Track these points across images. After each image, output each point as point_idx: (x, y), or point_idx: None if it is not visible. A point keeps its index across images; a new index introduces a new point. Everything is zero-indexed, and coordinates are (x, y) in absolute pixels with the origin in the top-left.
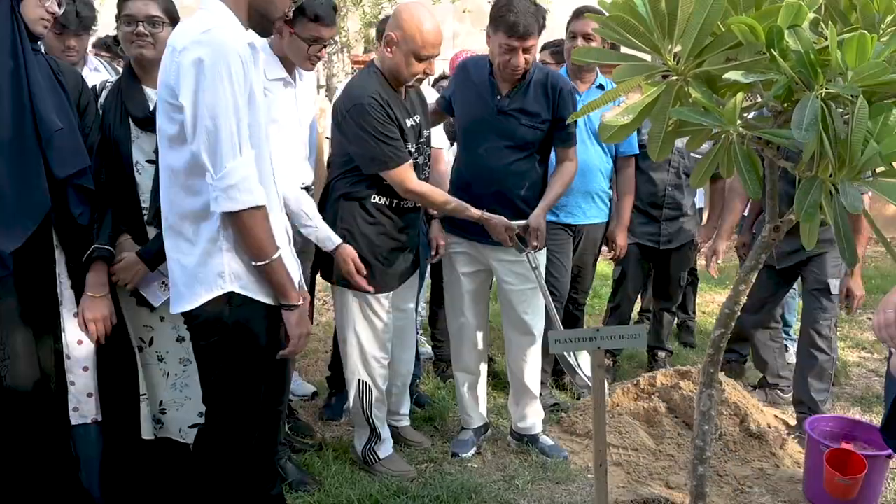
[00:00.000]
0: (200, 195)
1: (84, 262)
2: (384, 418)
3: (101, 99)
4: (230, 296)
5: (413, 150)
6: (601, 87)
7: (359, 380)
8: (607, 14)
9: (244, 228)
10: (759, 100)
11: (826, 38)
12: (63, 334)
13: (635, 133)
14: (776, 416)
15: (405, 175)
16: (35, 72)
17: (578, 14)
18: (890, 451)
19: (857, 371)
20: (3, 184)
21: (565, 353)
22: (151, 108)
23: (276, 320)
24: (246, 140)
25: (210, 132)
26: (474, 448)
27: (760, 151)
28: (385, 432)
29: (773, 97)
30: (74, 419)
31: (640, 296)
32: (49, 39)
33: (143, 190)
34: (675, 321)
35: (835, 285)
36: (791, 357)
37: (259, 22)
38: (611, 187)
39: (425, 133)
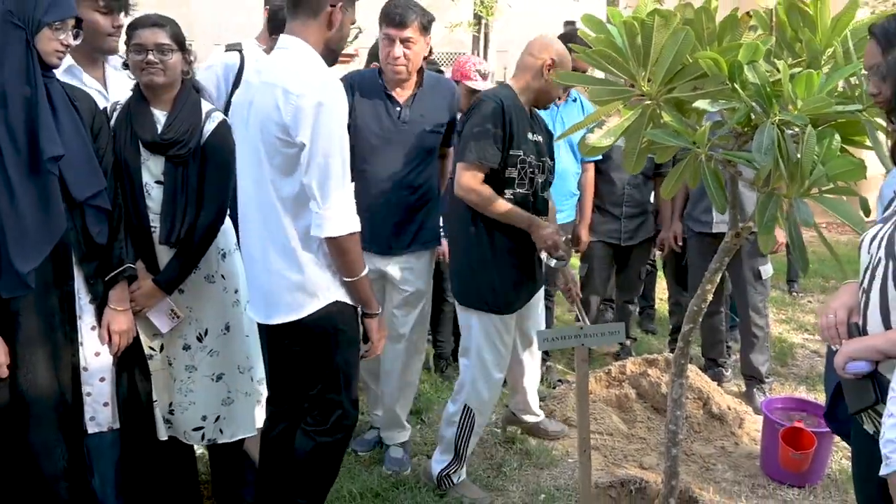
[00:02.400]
0: (306, 216)
1: (110, 279)
2: (473, 446)
3: (112, 121)
4: (335, 303)
5: (535, 163)
6: (575, 99)
7: (465, 405)
8: (587, 43)
9: (341, 250)
10: (719, 119)
11: (778, 70)
12: (81, 347)
13: None
14: (734, 398)
15: (473, 172)
16: (45, 100)
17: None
18: None
19: (802, 352)
20: (23, 206)
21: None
22: (160, 131)
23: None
24: (348, 174)
25: (321, 167)
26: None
27: (723, 169)
28: (463, 465)
29: (736, 123)
30: (91, 428)
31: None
32: (97, 21)
33: (153, 211)
34: (636, 310)
35: (765, 270)
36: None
37: (329, 55)
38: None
39: (547, 154)
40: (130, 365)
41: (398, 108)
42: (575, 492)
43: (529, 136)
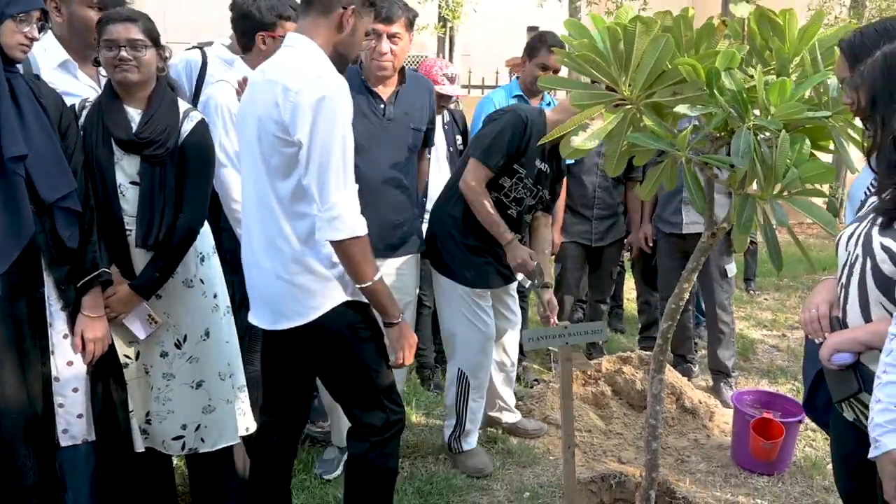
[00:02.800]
0: (307, 218)
1: (83, 284)
2: (478, 411)
3: (82, 119)
4: (347, 303)
5: (530, 186)
6: (549, 103)
7: (458, 368)
8: (569, 48)
9: (345, 255)
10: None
11: (751, 77)
12: (52, 357)
13: None
14: (704, 393)
15: (480, 172)
16: (7, 96)
17: (553, 48)
18: (801, 417)
19: (761, 347)
20: None
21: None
22: (135, 129)
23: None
24: (351, 175)
25: (320, 167)
26: (340, 467)
27: (701, 171)
28: (469, 426)
29: (714, 128)
30: (64, 441)
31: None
32: (90, 18)
33: (128, 213)
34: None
35: (730, 269)
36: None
37: (338, 61)
38: None
39: (546, 186)
40: (105, 374)
41: (382, 106)
42: (559, 488)
43: (537, 162)
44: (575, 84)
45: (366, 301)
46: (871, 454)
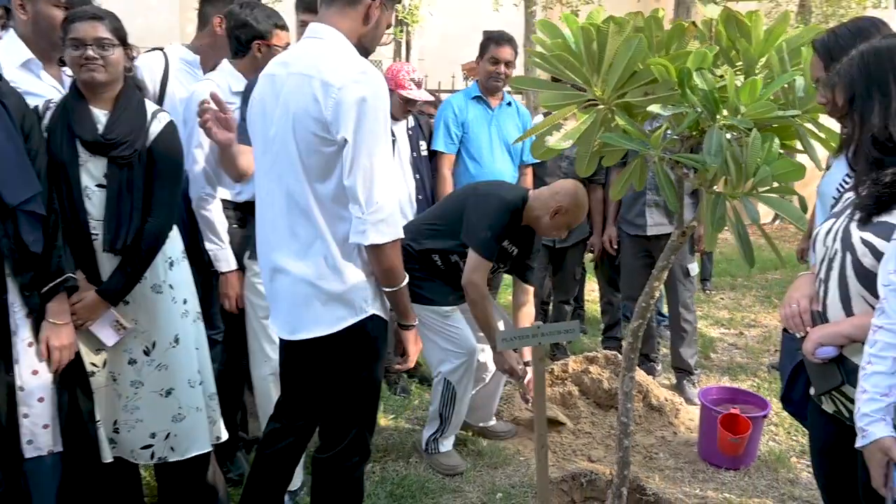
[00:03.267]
0: (347, 221)
1: (48, 290)
2: (462, 416)
3: (46, 120)
4: (372, 317)
5: (493, 265)
6: (510, 103)
7: (444, 379)
8: (539, 48)
9: (384, 258)
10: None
11: (720, 77)
12: (16, 366)
13: None
14: (668, 391)
15: (482, 268)
16: None
17: (500, 41)
18: (766, 412)
19: (721, 345)
20: None
21: None
22: (101, 130)
23: None
24: (392, 175)
25: (366, 168)
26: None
27: (672, 170)
28: (452, 430)
29: (686, 128)
30: (29, 452)
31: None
32: (55, 17)
33: (94, 216)
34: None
35: (692, 268)
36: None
37: (360, 52)
38: None
39: (509, 263)
40: (71, 383)
41: None
42: (531, 488)
43: (506, 243)
44: (546, 84)
45: (385, 318)
46: (859, 444)
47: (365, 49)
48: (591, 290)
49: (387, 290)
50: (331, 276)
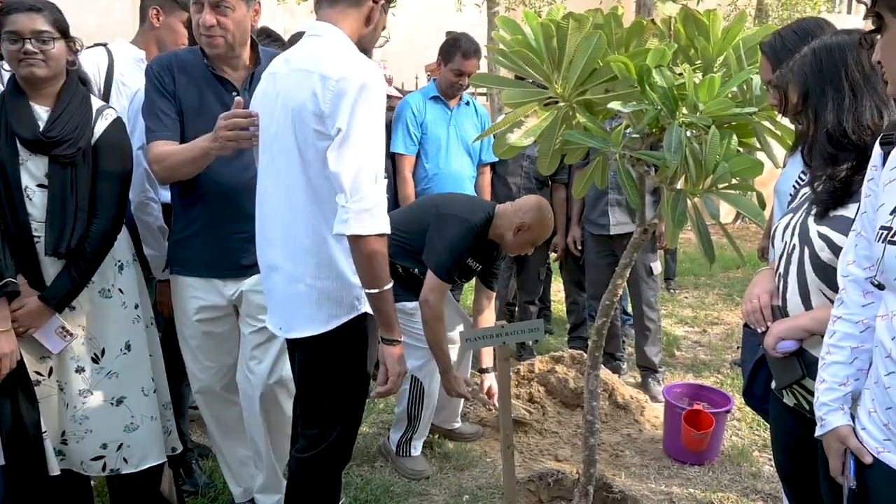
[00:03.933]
0: None
1: None
2: (429, 416)
3: None
4: (364, 316)
5: (454, 276)
6: (468, 103)
7: (411, 376)
8: (502, 46)
9: (366, 253)
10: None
11: (679, 74)
12: None
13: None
14: (633, 388)
15: (439, 290)
16: None
17: (468, 55)
18: (728, 407)
19: (685, 343)
20: None
21: None
22: (42, 128)
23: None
24: (382, 168)
25: (355, 157)
26: None
27: (633, 167)
28: (422, 430)
29: (646, 125)
30: None
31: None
32: None
33: (35, 218)
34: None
35: (655, 267)
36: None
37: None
38: None
39: (468, 277)
40: (14, 392)
41: (234, 94)
42: (497, 489)
43: (469, 261)
44: (507, 82)
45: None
46: (818, 433)
47: (364, 51)
48: (557, 290)
49: (367, 291)
50: (324, 274)
